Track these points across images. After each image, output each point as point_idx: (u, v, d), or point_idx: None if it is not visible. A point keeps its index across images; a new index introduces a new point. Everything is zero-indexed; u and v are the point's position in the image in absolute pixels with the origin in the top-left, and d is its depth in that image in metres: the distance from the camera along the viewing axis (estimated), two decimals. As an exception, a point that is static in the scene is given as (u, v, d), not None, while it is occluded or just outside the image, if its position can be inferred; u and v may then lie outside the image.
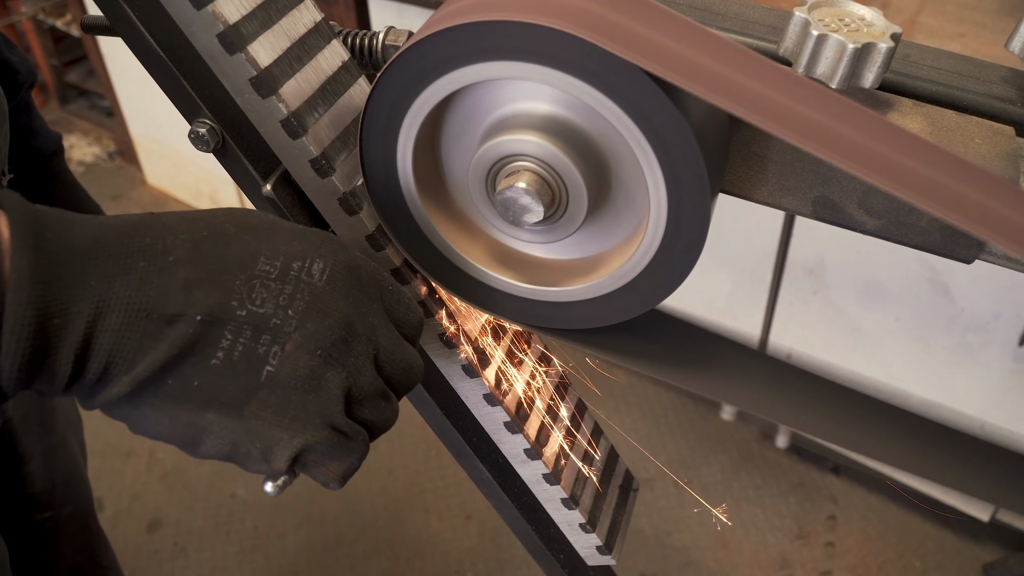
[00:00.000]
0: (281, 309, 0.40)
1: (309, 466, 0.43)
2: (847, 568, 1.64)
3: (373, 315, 0.44)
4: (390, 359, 0.45)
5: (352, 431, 0.43)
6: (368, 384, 0.43)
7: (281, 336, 0.40)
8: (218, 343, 0.39)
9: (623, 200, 0.47)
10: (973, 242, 0.44)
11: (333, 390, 0.42)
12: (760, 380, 0.55)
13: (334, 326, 0.42)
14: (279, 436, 0.41)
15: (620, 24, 0.38)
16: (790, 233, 1.50)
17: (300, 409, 0.41)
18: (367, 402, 0.44)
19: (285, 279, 0.41)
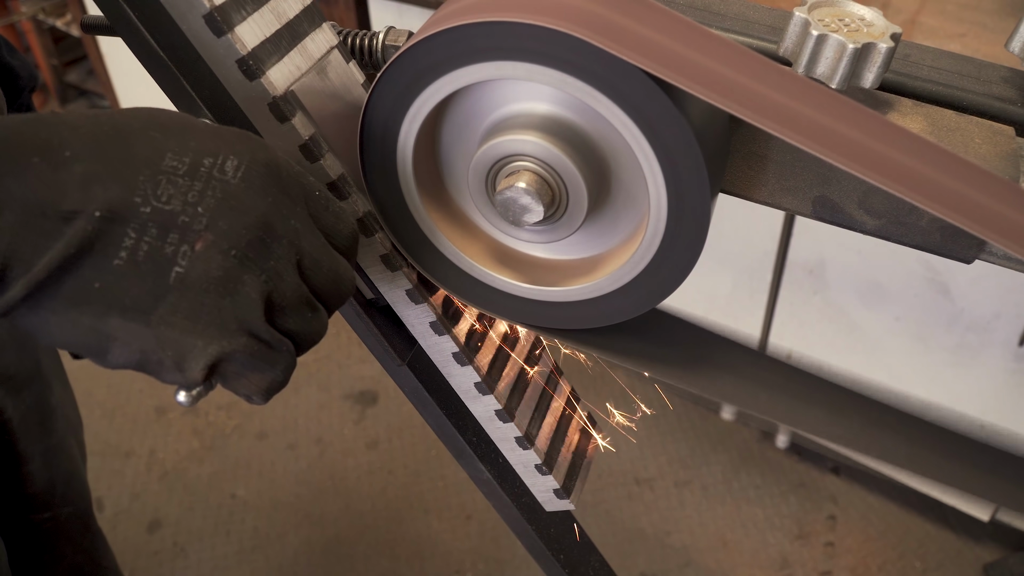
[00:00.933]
0: (190, 206, 0.37)
1: (229, 378, 0.40)
2: (847, 568, 1.64)
3: (296, 218, 0.41)
4: (316, 267, 0.42)
5: (275, 340, 0.40)
6: (291, 291, 0.41)
7: (191, 235, 0.37)
8: (120, 242, 0.36)
9: (623, 200, 0.47)
10: (973, 242, 0.44)
11: (251, 294, 0.39)
12: (760, 380, 0.55)
13: (249, 225, 0.39)
14: (192, 343, 0.38)
15: (620, 24, 0.38)
16: (790, 233, 1.50)
17: (214, 314, 0.38)
18: (291, 311, 0.41)
19: (195, 175, 0.38)
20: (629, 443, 1.86)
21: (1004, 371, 1.42)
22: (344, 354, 2.05)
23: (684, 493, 1.76)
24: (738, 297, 1.65)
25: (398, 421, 1.90)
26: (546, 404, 0.62)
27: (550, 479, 0.60)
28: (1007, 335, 1.39)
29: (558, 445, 0.61)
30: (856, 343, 1.55)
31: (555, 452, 0.61)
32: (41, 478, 0.84)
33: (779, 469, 1.80)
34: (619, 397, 2.05)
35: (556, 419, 0.62)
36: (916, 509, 1.72)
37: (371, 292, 0.55)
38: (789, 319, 1.61)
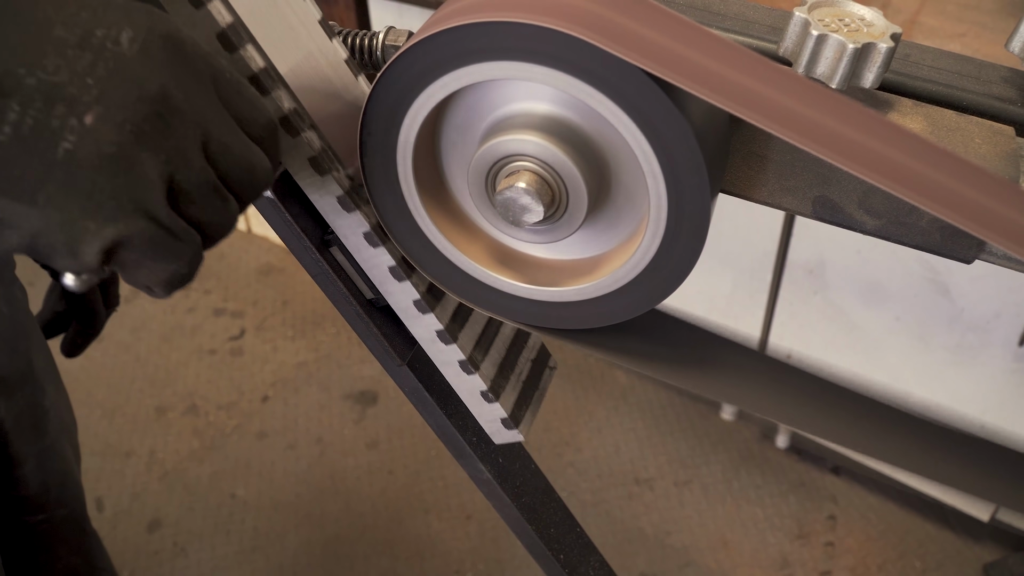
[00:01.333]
0: (78, 77, 0.34)
1: (127, 266, 0.37)
2: (847, 568, 1.64)
3: (201, 97, 0.38)
4: (224, 151, 0.39)
5: (178, 228, 0.37)
6: (195, 175, 0.38)
7: (80, 107, 0.34)
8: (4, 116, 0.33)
9: (623, 200, 0.47)
10: (973, 242, 0.44)
11: (149, 174, 0.36)
12: (760, 380, 0.55)
13: (145, 97, 0.36)
14: (85, 225, 0.35)
15: (620, 24, 0.38)
16: (790, 233, 1.50)
17: (108, 194, 0.35)
18: (197, 197, 0.38)
19: (85, 46, 0.35)
20: (629, 443, 1.86)
21: (1004, 371, 1.42)
22: (344, 354, 2.05)
23: (684, 493, 1.76)
24: (738, 297, 1.65)
25: (398, 421, 1.90)
26: (494, 331, 0.59)
27: (497, 407, 0.57)
28: (1007, 335, 1.39)
29: (507, 373, 0.59)
30: (856, 343, 1.55)
31: (503, 380, 0.58)
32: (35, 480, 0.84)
33: (779, 469, 1.80)
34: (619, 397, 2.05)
35: (505, 346, 0.59)
36: (916, 509, 1.72)
37: (371, 292, 0.55)
38: (789, 319, 1.61)
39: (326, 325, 2.12)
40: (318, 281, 0.55)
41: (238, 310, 2.18)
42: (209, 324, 2.14)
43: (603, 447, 1.85)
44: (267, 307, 2.18)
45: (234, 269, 2.32)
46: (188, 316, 2.16)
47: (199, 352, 2.06)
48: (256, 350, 2.06)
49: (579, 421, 1.89)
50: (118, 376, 1.99)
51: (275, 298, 2.22)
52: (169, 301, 2.21)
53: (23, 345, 0.82)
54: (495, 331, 0.59)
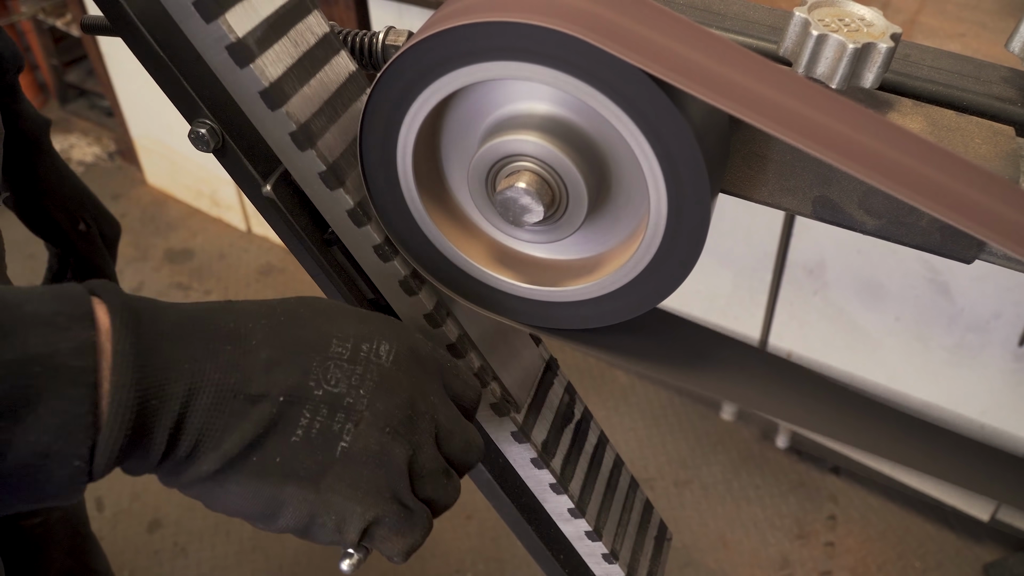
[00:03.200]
0: (353, 388, 0.43)
1: (377, 540, 0.44)
2: (847, 568, 1.64)
3: (434, 393, 0.46)
4: (449, 437, 0.46)
5: (416, 507, 0.45)
6: (430, 460, 0.45)
7: (354, 414, 0.42)
8: (297, 421, 0.41)
9: (623, 200, 0.47)
10: (973, 242, 0.44)
11: (400, 465, 0.43)
12: (760, 378, 0.55)
13: (400, 404, 0.44)
14: (353, 508, 0.42)
15: (620, 25, 0.38)
16: (790, 233, 1.50)
17: (371, 483, 0.43)
18: (429, 479, 0.45)
19: (356, 360, 0.43)
20: (629, 443, 1.86)
21: (1004, 371, 1.42)
22: (344, 354, 2.04)
23: (684, 493, 1.76)
24: (738, 297, 1.65)
25: (398, 421, 1.90)
26: (627, 518, 0.67)
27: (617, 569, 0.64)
28: (1007, 335, 1.39)
29: (638, 555, 0.67)
30: (856, 343, 1.55)
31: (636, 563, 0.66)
32: None
33: (779, 469, 1.80)
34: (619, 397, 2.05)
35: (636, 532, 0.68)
36: (916, 509, 1.72)
37: (371, 292, 0.55)
38: (789, 319, 1.61)
39: (326, 325, 2.12)
40: (318, 281, 0.55)
41: (238, 310, 2.17)
42: (209, 324, 2.13)
43: (603, 447, 1.85)
44: (267, 307, 2.18)
45: (234, 269, 2.32)
46: (188, 316, 2.15)
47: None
48: (256, 350, 2.06)
49: (579, 421, 1.89)
50: (118, 376, 1.99)
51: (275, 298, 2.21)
52: (169, 301, 2.20)
53: None
54: (628, 519, 0.67)
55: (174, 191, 2.55)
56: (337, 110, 0.50)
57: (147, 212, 2.52)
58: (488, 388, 0.58)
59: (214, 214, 2.48)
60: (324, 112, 0.49)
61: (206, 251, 2.37)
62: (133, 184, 2.62)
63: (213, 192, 2.42)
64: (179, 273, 2.30)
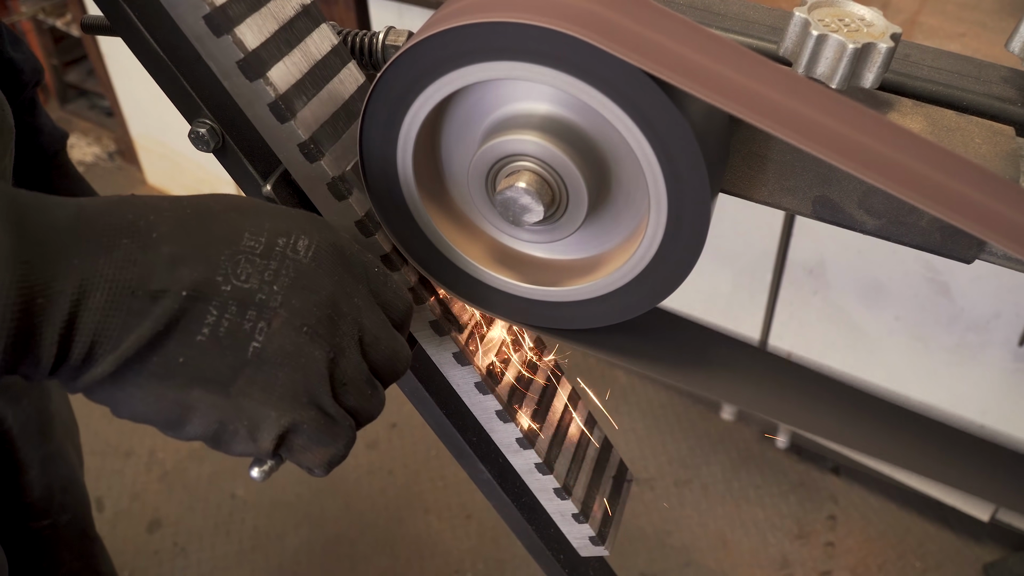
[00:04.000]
0: (266, 285, 0.40)
1: (295, 450, 0.42)
2: (847, 568, 1.64)
3: (358, 296, 0.43)
4: (375, 344, 0.44)
5: (338, 415, 0.42)
6: (353, 367, 0.43)
7: (267, 312, 0.39)
8: (203, 319, 0.38)
9: (623, 200, 0.47)
10: (973, 242, 0.44)
11: (319, 369, 0.41)
12: (760, 378, 0.55)
13: (320, 303, 0.41)
14: (266, 414, 0.40)
15: (620, 25, 0.38)
16: (790, 233, 1.50)
17: (287, 387, 0.40)
18: (352, 387, 0.43)
19: (270, 255, 0.40)
20: (629, 443, 1.86)
21: (1004, 371, 1.42)
22: (344, 354, 2.05)
23: (684, 493, 1.76)
24: (738, 297, 1.65)
25: (398, 421, 1.90)
26: (582, 454, 0.64)
27: (586, 527, 0.62)
28: (1007, 335, 1.39)
29: (593, 493, 0.64)
30: (856, 343, 1.55)
31: (591, 500, 0.64)
32: (40, 485, 0.84)
33: (779, 469, 1.80)
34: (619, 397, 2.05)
35: (592, 468, 0.65)
36: (916, 509, 1.72)
37: None
38: (789, 319, 1.61)
39: (326, 325, 2.12)
40: (318, 281, 0.55)
41: (238, 310, 2.18)
42: (209, 324, 2.13)
43: (603, 447, 1.85)
44: (267, 307, 2.18)
45: (234, 269, 2.31)
46: (188, 316, 2.16)
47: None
48: (256, 350, 2.06)
49: (579, 421, 1.89)
50: (118, 376, 1.99)
51: (275, 298, 2.21)
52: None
53: None
54: (583, 455, 0.64)
55: (174, 191, 2.55)
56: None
57: (147, 212, 2.52)
58: (427, 305, 0.54)
59: (214, 214, 2.48)
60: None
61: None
62: (133, 184, 2.62)
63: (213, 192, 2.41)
64: (179, 273, 2.30)
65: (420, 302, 0.54)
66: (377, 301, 0.45)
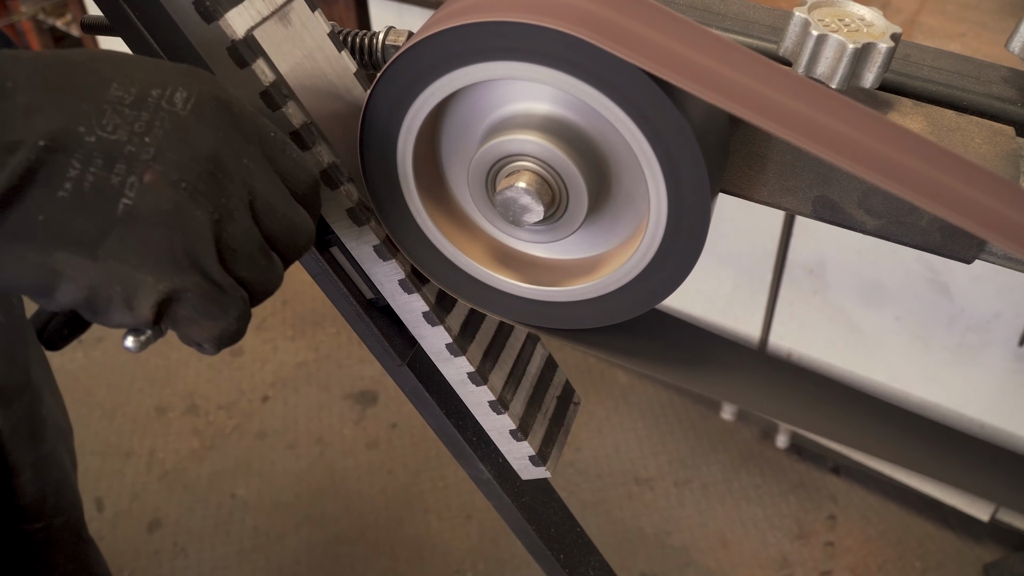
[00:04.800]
0: (137, 136, 0.36)
1: (180, 322, 0.39)
2: (847, 568, 1.64)
3: (249, 157, 0.39)
4: (270, 211, 0.40)
5: (227, 284, 0.39)
6: (242, 232, 0.39)
7: (138, 165, 0.36)
8: (65, 173, 0.35)
9: (623, 200, 0.47)
10: (973, 242, 0.44)
11: (202, 231, 0.37)
12: (760, 378, 0.55)
13: (199, 157, 0.37)
14: (143, 279, 0.36)
15: (620, 24, 0.38)
16: (790, 233, 1.50)
17: (165, 249, 0.36)
18: (243, 255, 0.39)
19: (142, 106, 0.36)
20: (629, 443, 1.86)
21: (1004, 371, 1.42)
22: (344, 354, 2.05)
23: (684, 493, 1.76)
24: (738, 297, 1.65)
25: (398, 421, 1.90)
26: (521, 370, 0.61)
27: (525, 445, 0.59)
28: (1007, 335, 1.39)
29: (534, 411, 0.60)
30: (856, 343, 1.55)
31: (531, 418, 0.60)
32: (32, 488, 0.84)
33: (779, 469, 1.80)
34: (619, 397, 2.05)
35: (532, 385, 0.61)
36: (916, 509, 1.72)
37: (371, 292, 0.55)
38: (789, 319, 1.61)
39: (326, 325, 2.12)
40: (318, 281, 0.55)
41: (238, 310, 2.18)
42: (209, 324, 2.13)
43: (603, 447, 1.85)
44: (267, 307, 2.18)
45: (234, 269, 2.31)
46: (188, 316, 2.16)
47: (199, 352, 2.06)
48: (256, 350, 2.06)
49: (579, 421, 1.89)
50: (118, 376, 1.99)
51: (275, 298, 2.22)
52: (169, 301, 2.21)
53: (20, 353, 0.82)
54: (523, 370, 0.61)
55: (174, 191, 2.54)
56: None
57: (147, 212, 2.52)
58: (341, 190, 0.50)
59: (214, 214, 2.48)
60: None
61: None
62: (133, 184, 2.61)
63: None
64: (179, 273, 2.30)
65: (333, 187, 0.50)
66: (275, 169, 0.41)
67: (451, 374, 0.58)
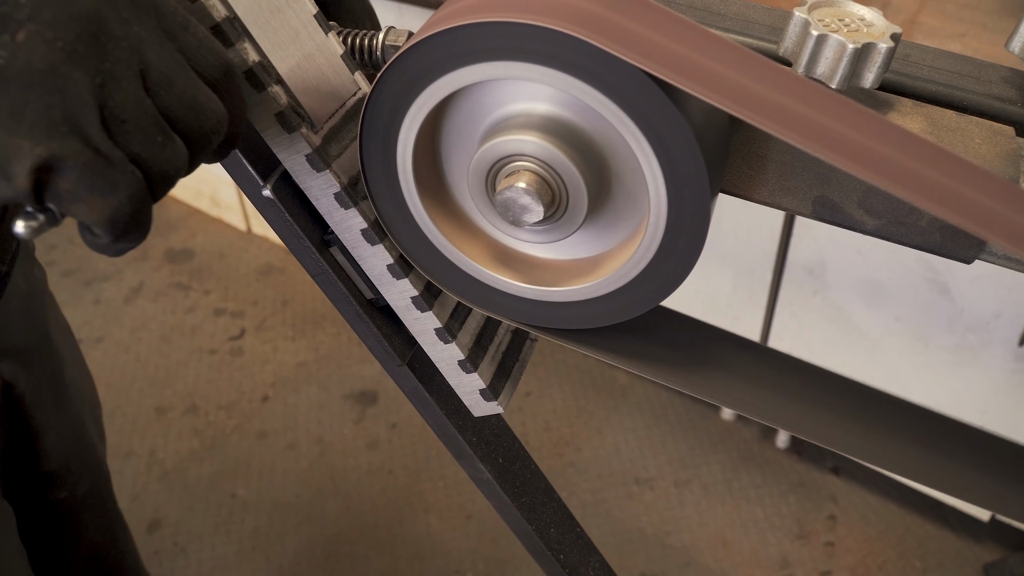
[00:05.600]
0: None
1: (64, 197, 0.36)
2: (847, 568, 1.64)
3: (140, 25, 0.37)
4: (166, 84, 0.37)
5: (115, 157, 0.36)
6: (132, 103, 0.36)
7: (11, 24, 0.34)
8: None
9: (623, 200, 0.47)
10: (973, 242, 0.44)
11: (82, 94, 0.35)
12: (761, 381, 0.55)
13: (78, 16, 0.35)
14: (18, 144, 0.34)
15: (620, 25, 0.38)
16: (790, 233, 1.50)
17: (40, 112, 0.34)
18: (133, 127, 0.36)
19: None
20: (629, 443, 1.86)
21: (1004, 371, 1.42)
22: (344, 354, 2.05)
23: (684, 493, 1.76)
24: (738, 297, 1.65)
25: (398, 421, 1.90)
26: None
27: (475, 378, 0.57)
28: (1007, 335, 1.39)
29: (485, 343, 0.58)
30: (856, 343, 1.55)
31: (480, 350, 0.57)
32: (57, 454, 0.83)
33: (779, 469, 1.80)
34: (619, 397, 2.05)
35: (483, 317, 0.59)
36: (916, 509, 1.72)
37: (371, 292, 0.55)
38: (789, 319, 1.61)
39: (326, 325, 2.12)
40: (318, 281, 0.55)
41: (238, 310, 2.18)
42: (209, 324, 2.14)
43: (603, 447, 1.85)
44: (267, 307, 2.19)
45: (234, 269, 2.32)
46: (188, 316, 2.16)
47: (199, 352, 2.06)
48: (256, 350, 2.06)
49: (579, 421, 1.89)
50: (118, 376, 1.99)
51: (275, 298, 2.22)
52: (169, 301, 2.21)
53: (41, 318, 0.82)
54: None
55: (174, 191, 2.55)
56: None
57: (147, 212, 2.52)
58: (269, 92, 0.46)
59: (214, 214, 2.48)
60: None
61: (206, 251, 2.37)
62: (133, 184, 2.61)
63: (213, 192, 2.42)
64: (179, 273, 2.30)
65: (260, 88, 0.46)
66: (176, 47, 0.38)
67: (394, 298, 0.54)
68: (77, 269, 2.31)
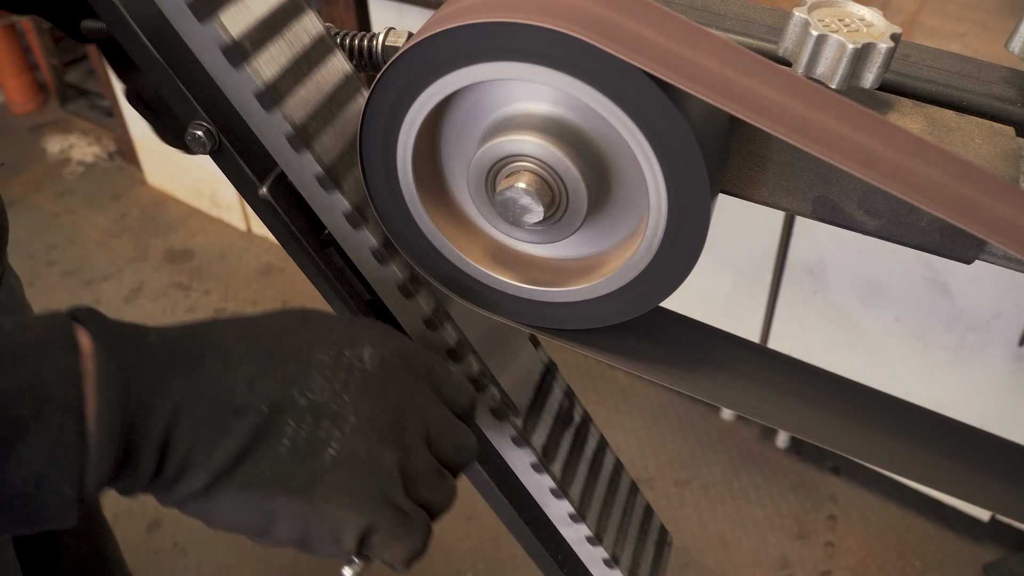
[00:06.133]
0: (337, 395, 0.43)
1: (375, 548, 0.44)
2: (847, 568, 1.64)
3: (422, 396, 0.46)
4: (440, 438, 0.46)
5: (412, 511, 0.44)
6: (422, 463, 0.45)
7: (340, 420, 0.42)
8: (283, 430, 0.41)
9: (623, 200, 0.47)
10: (973, 242, 0.44)
11: (391, 469, 0.43)
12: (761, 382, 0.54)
13: (387, 409, 0.44)
14: (346, 516, 0.42)
15: (620, 25, 0.38)
16: (790, 233, 1.50)
17: (362, 489, 0.42)
18: (422, 482, 0.45)
19: (338, 366, 0.44)
20: (629, 443, 1.86)
21: (1004, 371, 1.42)
22: (344, 354, 2.04)
23: (684, 493, 1.76)
24: (738, 297, 1.65)
25: (398, 421, 1.90)
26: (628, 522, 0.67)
27: None
28: (1007, 335, 1.38)
29: (638, 561, 0.67)
30: (856, 343, 1.55)
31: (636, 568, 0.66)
32: None
33: (779, 469, 1.80)
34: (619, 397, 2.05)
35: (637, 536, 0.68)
36: (916, 509, 1.72)
37: (368, 293, 0.55)
38: (789, 319, 1.61)
39: (326, 325, 2.11)
40: (315, 282, 0.55)
41: (238, 310, 2.18)
42: (209, 324, 2.13)
43: (603, 447, 1.84)
44: (267, 307, 2.18)
45: (234, 269, 2.32)
46: (188, 316, 2.16)
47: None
48: (256, 350, 2.06)
49: (579, 421, 1.89)
50: (118, 376, 1.98)
51: (275, 298, 2.21)
52: (169, 302, 2.21)
53: None
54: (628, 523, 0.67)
55: (174, 191, 2.55)
56: (333, 111, 0.50)
57: (147, 212, 2.52)
58: (487, 392, 0.57)
59: (214, 214, 2.48)
60: (320, 113, 0.49)
61: (206, 251, 2.37)
62: (133, 184, 2.62)
63: (213, 192, 2.42)
64: (179, 273, 2.30)
65: (481, 389, 0.57)
66: (440, 398, 0.48)
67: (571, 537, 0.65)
68: (77, 269, 2.31)
